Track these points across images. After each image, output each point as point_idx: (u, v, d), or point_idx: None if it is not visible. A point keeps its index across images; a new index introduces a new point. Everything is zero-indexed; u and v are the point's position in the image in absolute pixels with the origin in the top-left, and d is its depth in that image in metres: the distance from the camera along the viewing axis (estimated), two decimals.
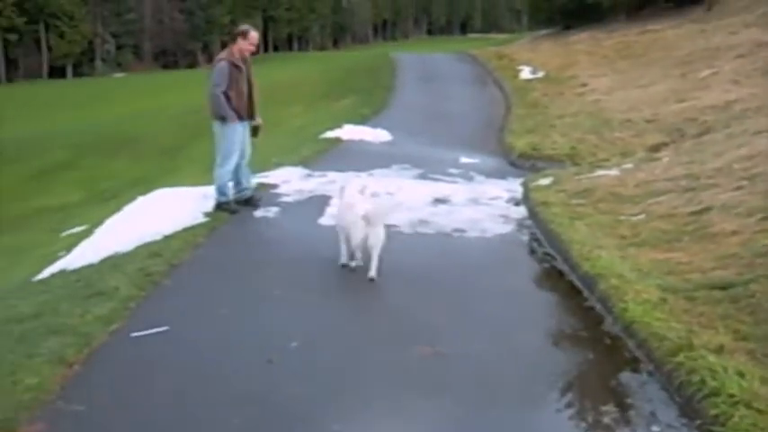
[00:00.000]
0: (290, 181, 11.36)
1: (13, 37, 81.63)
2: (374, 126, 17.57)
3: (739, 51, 21.21)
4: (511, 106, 21.70)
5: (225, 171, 9.23)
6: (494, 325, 5.92)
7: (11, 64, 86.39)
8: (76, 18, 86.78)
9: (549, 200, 9.59)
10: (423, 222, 8.97)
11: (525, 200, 10.38)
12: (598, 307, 6.18)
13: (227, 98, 9.00)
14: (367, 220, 6.85)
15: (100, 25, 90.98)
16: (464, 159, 14.48)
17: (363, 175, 12.18)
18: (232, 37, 9.42)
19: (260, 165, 13.45)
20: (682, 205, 8.46)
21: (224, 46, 76.01)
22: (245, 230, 8.61)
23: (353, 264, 7.13)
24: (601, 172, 11.10)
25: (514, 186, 11.59)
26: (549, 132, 16.11)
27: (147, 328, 5.62)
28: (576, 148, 14.11)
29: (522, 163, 14.20)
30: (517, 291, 6.80)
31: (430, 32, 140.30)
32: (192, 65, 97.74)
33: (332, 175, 11.98)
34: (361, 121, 18.47)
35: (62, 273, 8.30)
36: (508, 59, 32.11)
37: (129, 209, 10.16)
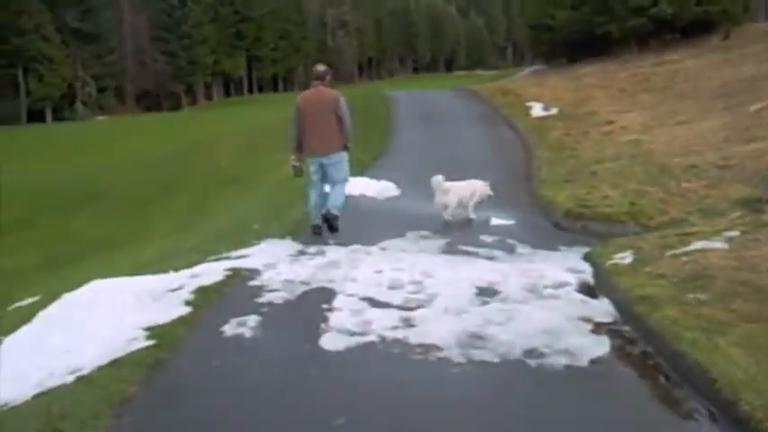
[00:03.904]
0: (276, 265, 8.29)
1: None
2: (377, 177, 14.65)
3: None
4: (531, 149, 18.82)
5: None
6: None
7: None
8: (56, 61, 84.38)
9: (648, 293, 6.60)
10: (475, 338, 5.93)
11: (604, 288, 7.40)
12: None
13: None
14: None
15: (80, 68, 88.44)
16: (495, 221, 11.54)
17: (374, 249, 9.22)
18: (320, 77, 10.30)
19: (236, 236, 10.52)
20: None
21: (208, 87, 74.11)
22: (204, 368, 5.42)
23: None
24: (699, 244, 8.11)
25: (576, 263, 8.62)
26: (592, 182, 13.18)
27: None
28: (637, 203, 11.15)
29: (571, 224, 11.23)
30: None
31: (416, 70, 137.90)
32: (176, 107, 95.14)
33: (332, 252, 9.01)
34: (361, 170, 15.52)
35: None
36: (514, 95, 29.44)
37: (45, 315, 7.09)
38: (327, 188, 10.49)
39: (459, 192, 11.39)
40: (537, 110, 24.90)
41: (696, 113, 18.49)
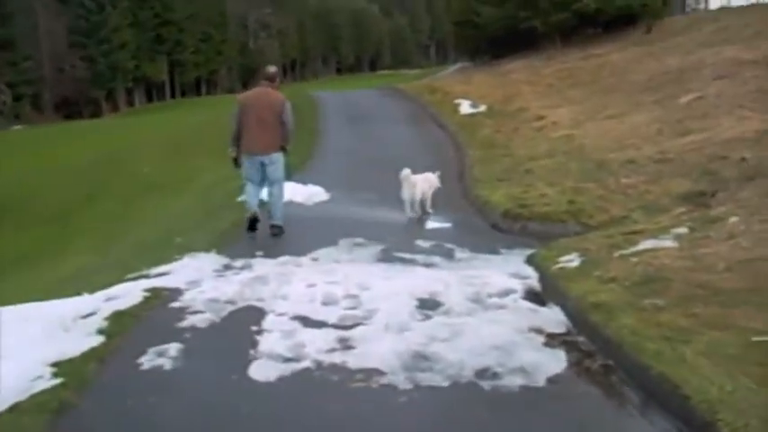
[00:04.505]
0: (200, 282, 7.64)
1: None
2: (303, 181, 14.00)
3: (716, 72, 18.54)
4: (462, 147, 18.43)
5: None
6: None
7: None
8: None
9: (602, 299, 6.16)
10: (419, 358, 5.41)
11: (552, 294, 6.97)
12: None
13: None
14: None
15: None
16: (431, 224, 11.11)
17: (305, 260, 8.65)
18: (270, 78, 10.32)
19: (158, 250, 9.82)
20: None
21: (129, 93, 72.31)
22: (115, 410, 4.72)
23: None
24: (648, 243, 7.73)
25: (520, 267, 8.20)
26: (527, 180, 12.80)
27: None
28: (576, 201, 10.77)
29: (510, 225, 10.78)
30: None
31: (339, 71, 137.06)
32: (96, 114, 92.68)
33: (260, 265, 8.40)
34: (288, 175, 14.90)
35: None
36: (441, 93, 29.08)
37: None
38: (265, 191, 10.48)
39: (422, 185, 11.63)
40: (465, 107, 24.51)
41: (626, 107, 18.31)
